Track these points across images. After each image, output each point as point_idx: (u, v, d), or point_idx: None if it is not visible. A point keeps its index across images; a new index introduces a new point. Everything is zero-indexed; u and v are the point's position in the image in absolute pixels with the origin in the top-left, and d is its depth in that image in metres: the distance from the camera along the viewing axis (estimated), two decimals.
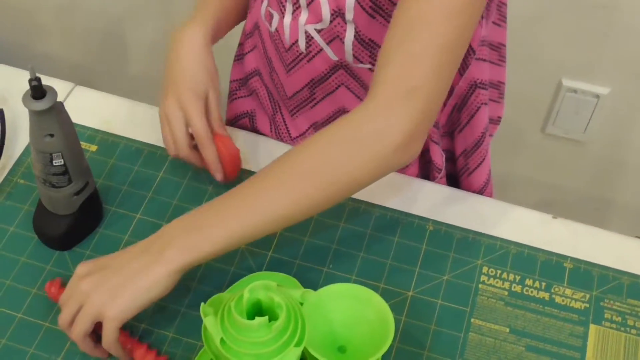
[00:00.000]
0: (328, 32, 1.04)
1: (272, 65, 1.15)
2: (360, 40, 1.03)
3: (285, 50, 1.10)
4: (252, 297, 0.85)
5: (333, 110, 1.15)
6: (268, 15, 1.11)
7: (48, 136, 0.96)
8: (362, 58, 1.05)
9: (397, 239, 1.09)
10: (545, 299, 1.04)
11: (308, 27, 1.05)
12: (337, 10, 1.02)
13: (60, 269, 1.05)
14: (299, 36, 1.07)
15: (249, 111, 1.26)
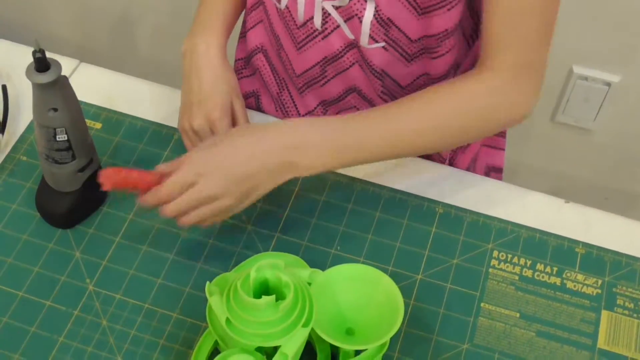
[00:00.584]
0: (346, 11, 1.02)
1: (279, 43, 1.13)
2: (379, 19, 1.01)
3: (297, 27, 1.08)
4: (259, 276, 0.83)
5: (344, 89, 1.13)
6: None
7: (51, 110, 0.94)
8: (377, 37, 1.03)
9: (406, 221, 1.07)
10: (557, 284, 1.02)
11: (326, 3, 1.03)
12: None
13: (63, 248, 1.03)
14: (314, 13, 1.05)
15: (254, 90, 1.24)
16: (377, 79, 1.09)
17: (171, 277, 1.01)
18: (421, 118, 0.97)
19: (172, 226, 1.05)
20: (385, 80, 1.08)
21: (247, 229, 1.05)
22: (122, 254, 1.03)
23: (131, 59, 2.27)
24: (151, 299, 0.99)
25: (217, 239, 1.04)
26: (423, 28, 1.01)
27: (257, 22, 1.17)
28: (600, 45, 1.78)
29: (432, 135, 0.99)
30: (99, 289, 1.00)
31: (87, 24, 2.23)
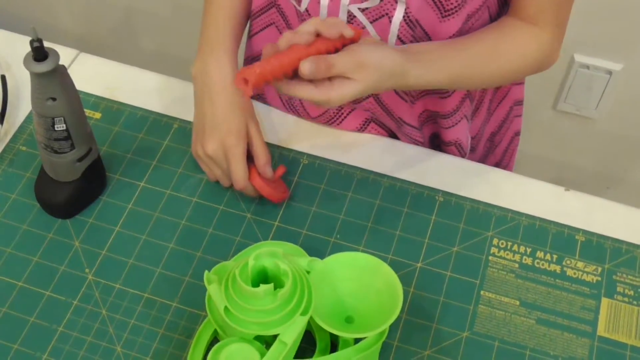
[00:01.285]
0: (376, 11, 1.02)
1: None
2: (408, 20, 1.02)
3: None
4: (258, 264, 0.83)
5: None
6: None
7: (50, 100, 0.94)
8: (405, 38, 1.04)
9: (406, 209, 1.07)
10: (557, 272, 1.02)
11: (352, 6, 1.03)
12: None
13: (63, 237, 1.03)
14: (339, 15, 1.04)
15: (258, 94, 1.24)
16: None
17: (171, 266, 1.01)
18: (481, 61, 1.04)
19: (172, 215, 1.05)
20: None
21: (247, 217, 1.05)
22: (121, 244, 1.03)
23: (133, 49, 2.26)
24: (151, 288, 0.99)
25: (217, 228, 1.04)
26: (445, 30, 1.04)
27: (267, 26, 1.16)
28: (601, 33, 1.77)
29: (493, 74, 1.07)
30: (98, 278, 1.00)
31: (88, 14, 2.22)
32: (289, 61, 0.86)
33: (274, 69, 0.85)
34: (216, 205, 1.06)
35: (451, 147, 1.17)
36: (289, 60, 0.86)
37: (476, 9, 1.04)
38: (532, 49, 1.07)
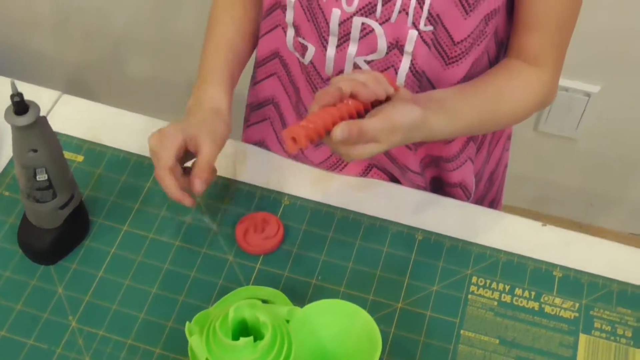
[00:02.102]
0: (382, 63, 1.04)
1: (299, 95, 1.14)
2: (414, 71, 1.04)
3: (323, 81, 1.09)
4: (237, 316, 0.84)
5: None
6: (299, 47, 1.08)
7: (31, 151, 0.95)
8: (411, 88, 1.06)
9: (386, 249, 1.08)
10: (535, 309, 1.03)
11: (358, 58, 1.05)
12: (395, 43, 1.02)
13: (46, 284, 1.04)
14: (345, 67, 1.06)
15: (262, 140, 1.26)
16: None
17: (154, 312, 1.02)
18: (494, 106, 1.06)
19: (155, 259, 1.06)
20: None
21: (229, 260, 1.06)
22: (104, 289, 1.04)
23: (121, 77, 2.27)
24: (134, 335, 1.00)
25: (199, 271, 1.05)
26: (450, 78, 1.06)
27: (269, 75, 1.18)
28: (579, 57, 1.79)
29: (504, 117, 1.09)
30: (81, 325, 1.00)
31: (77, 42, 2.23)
32: (331, 121, 0.88)
33: (317, 128, 0.88)
34: (198, 248, 1.07)
35: (456, 189, 1.19)
36: (331, 120, 0.88)
37: (479, 55, 1.06)
38: (537, 90, 1.09)
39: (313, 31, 1.05)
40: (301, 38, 1.07)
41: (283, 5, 1.06)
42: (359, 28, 1.02)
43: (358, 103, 0.91)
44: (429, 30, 1.00)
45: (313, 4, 1.03)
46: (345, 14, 1.01)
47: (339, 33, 1.03)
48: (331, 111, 0.89)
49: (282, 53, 1.13)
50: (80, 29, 2.18)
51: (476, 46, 1.04)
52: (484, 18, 1.01)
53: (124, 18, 2.10)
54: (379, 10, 1.00)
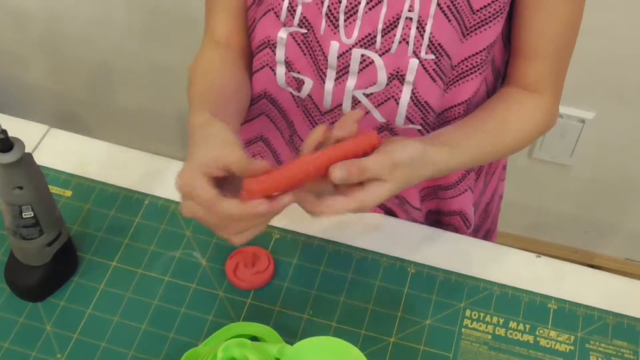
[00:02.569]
0: (381, 95, 1.03)
1: (294, 129, 1.13)
2: (416, 101, 1.03)
3: (321, 114, 1.08)
4: (226, 355, 0.82)
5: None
6: (293, 82, 1.07)
7: (17, 189, 0.94)
8: (414, 119, 1.05)
9: (378, 282, 1.07)
10: (530, 342, 1.02)
11: (357, 91, 1.03)
12: (395, 73, 1.01)
13: (34, 322, 1.02)
14: (343, 101, 1.05)
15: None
16: None
17: (143, 349, 1.00)
18: (496, 137, 1.05)
19: (144, 295, 1.05)
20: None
21: (219, 296, 1.05)
22: (93, 326, 1.02)
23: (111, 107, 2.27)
24: None
25: (189, 307, 1.04)
26: (449, 100, 1.05)
27: (257, 115, 1.16)
28: (573, 83, 1.78)
29: (507, 146, 1.08)
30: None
31: (66, 73, 2.23)
32: (293, 174, 0.85)
33: (276, 183, 0.85)
34: (188, 283, 1.06)
35: (455, 217, 1.18)
36: (294, 173, 0.85)
37: (480, 82, 1.05)
38: (538, 117, 1.09)
39: (310, 65, 1.04)
40: (295, 73, 1.05)
41: (272, 43, 1.05)
42: (358, 60, 1.01)
43: (331, 155, 0.87)
44: (431, 59, 0.99)
45: (309, 38, 1.02)
46: (344, 46, 1.00)
47: (338, 66, 1.02)
48: (304, 162, 0.86)
49: (270, 92, 1.11)
50: (69, 60, 2.17)
51: (478, 74, 1.03)
52: (486, 47, 1.01)
53: (110, 47, 2.10)
54: (379, 41, 0.99)
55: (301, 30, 1.02)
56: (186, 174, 0.87)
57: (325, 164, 0.86)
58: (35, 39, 2.15)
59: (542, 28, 1.02)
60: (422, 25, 0.97)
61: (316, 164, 0.86)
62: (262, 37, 1.05)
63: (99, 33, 2.07)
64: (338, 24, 0.99)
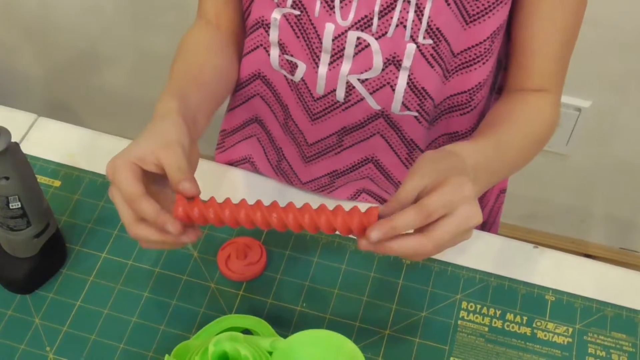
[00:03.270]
0: (376, 81, 1.01)
1: (288, 112, 1.10)
2: (412, 87, 1.01)
3: (314, 99, 1.05)
4: (218, 349, 0.81)
5: (360, 159, 1.12)
6: (287, 65, 1.04)
7: (3, 179, 0.91)
8: (410, 105, 1.03)
9: (372, 274, 1.05)
10: (527, 335, 1.00)
11: (351, 77, 1.01)
12: (391, 58, 0.98)
13: (22, 314, 1.00)
14: (337, 86, 1.03)
15: (247, 156, 1.22)
16: (405, 146, 1.08)
17: (133, 342, 0.99)
18: (523, 142, 1.02)
19: (134, 287, 1.03)
20: (413, 149, 1.09)
21: (211, 287, 1.03)
22: (83, 319, 1.00)
23: (100, 94, 2.25)
24: None
25: (180, 299, 1.02)
26: (450, 88, 1.03)
27: (251, 97, 1.14)
28: (569, 72, 1.76)
29: (529, 153, 1.05)
30: (59, 356, 0.97)
31: (55, 60, 2.20)
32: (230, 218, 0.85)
33: (202, 215, 0.85)
34: (179, 275, 1.04)
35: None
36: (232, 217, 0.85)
37: (486, 73, 1.03)
38: (554, 116, 1.06)
39: (303, 48, 1.02)
40: (289, 56, 1.03)
41: (266, 24, 1.03)
42: (354, 44, 0.99)
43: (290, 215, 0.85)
44: (428, 44, 0.97)
45: (303, 20, 1.00)
46: (340, 28, 0.98)
47: (332, 49, 1.00)
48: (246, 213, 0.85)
49: (264, 73, 1.09)
50: (57, 48, 2.15)
51: (481, 63, 1.01)
52: (490, 36, 0.98)
53: (100, 34, 2.07)
54: (375, 24, 0.97)
55: (294, 12, 0.99)
56: (117, 160, 0.86)
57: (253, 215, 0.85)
58: (24, 27, 2.12)
59: (550, 17, 0.99)
60: (420, 8, 0.95)
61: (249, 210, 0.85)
62: (256, 17, 1.03)
63: (87, 20, 2.04)
64: (334, 5, 0.97)
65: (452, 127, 1.09)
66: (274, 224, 0.84)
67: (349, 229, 0.83)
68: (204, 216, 0.85)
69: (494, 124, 1.00)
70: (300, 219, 0.83)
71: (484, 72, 1.02)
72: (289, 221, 0.84)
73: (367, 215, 0.82)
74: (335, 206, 0.84)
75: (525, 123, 1.02)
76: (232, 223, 0.85)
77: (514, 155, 1.00)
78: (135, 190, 0.84)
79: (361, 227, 0.82)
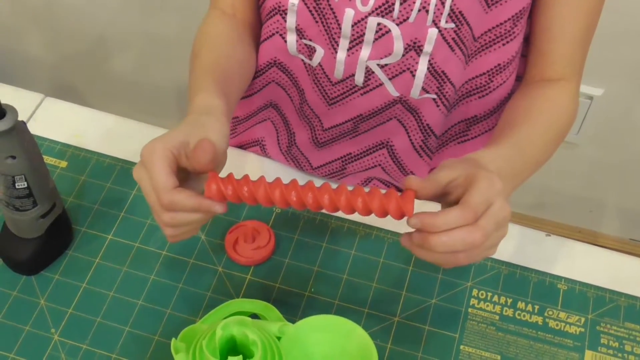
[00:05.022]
0: (396, 66, 0.99)
1: (304, 97, 1.09)
2: (432, 71, 0.99)
3: (332, 84, 1.04)
4: (225, 333, 0.79)
5: (374, 143, 1.10)
6: (305, 49, 1.03)
7: (9, 158, 0.90)
8: (429, 88, 1.01)
9: (382, 260, 1.03)
10: (539, 324, 0.99)
11: (371, 62, 0.99)
12: (412, 44, 0.97)
13: (27, 295, 0.99)
14: (356, 71, 1.01)
15: (259, 139, 1.21)
16: (420, 132, 1.07)
17: (139, 325, 0.97)
18: (544, 140, 0.99)
19: (141, 270, 1.02)
20: (428, 134, 1.08)
21: (218, 271, 1.02)
22: (88, 301, 0.99)
23: (107, 77, 2.23)
24: (119, 349, 0.95)
25: (187, 282, 1.01)
26: (470, 71, 1.02)
27: (266, 84, 1.12)
28: None
29: (550, 149, 1.01)
30: (64, 339, 0.96)
31: (63, 42, 2.19)
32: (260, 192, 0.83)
33: (235, 192, 0.82)
34: (186, 258, 1.03)
35: None
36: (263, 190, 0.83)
37: (510, 58, 1.01)
38: (573, 107, 1.04)
39: (322, 33, 1.00)
40: (307, 40, 1.02)
41: (283, 10, 1.01)
42: (374, 29, 0.97)
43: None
44: (450, 27, 0.95)
45: (322, 5, 0.98)
46: (360, 14, 0.96)
47: (352, 35, 0.98)
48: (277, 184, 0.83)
49: (281, 60, 1.07)
50: (66, 31, 2.14)
51: (501, 44, 0.99)
52: (512, 17, 0.97)
53: (108, 17, 2.06)
54: (397, 9, 0.95)
55: None
56: (157, 144, 0.83)
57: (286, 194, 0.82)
58: (32, 10, 2.11)
59: (572, 3, 0.98)
60: None
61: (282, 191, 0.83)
62: (272, 4, 1.01)
63: (96, 4, 2.03)
64: None
65: (471, 111, 1.08)
66: (309, 204, 0.82)
67: (385, 211, 0.81)
68: (237, 194, 0.82)
69: (514, 123, 0.98)
70: (337, 201, 0.81)
71: (504, 54, 1.00)
72: (324, 201, 0.81)
73: (404, 198, 0.81)
74: (370, 189, 0.82)
75: (545, 121, 0.99)
76: (265, 202, 0.83)
77: (536, 154, 0.97)
78: (168, 185, 0.81)
79: (398, 210, 0.81)
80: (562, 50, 1.01)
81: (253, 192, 0.82)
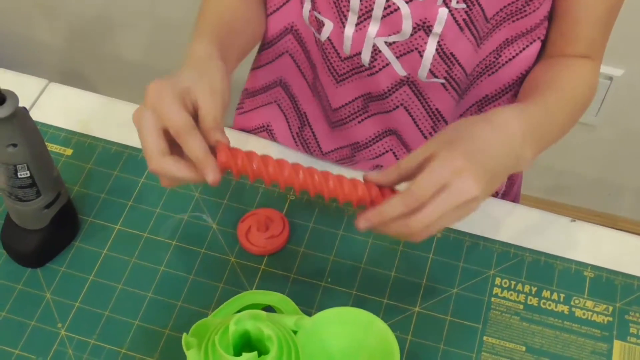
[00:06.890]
0: (404, 45, 0.96)
1: (316, 72, 1.06)
2: (441, 52, 0.96)
3: (341, 60, 1.01)
4: (239, 328, 0.76)
5: (382, 129, 1.07)
6: (315, 22, 1.00)
7: (10, 146, 0.86)
8: (437, 72, 0.98)
9: (401, 248, 1.00)
10: (565, 313, 0.95)
11: (378, 39, 0.96)
12: (421, 24, 0.94)
13: (33, 289, 0.96)
14: (363, 48, 0.98)
15: (265, 124, 1.17)
16: (429, 117, 1.04)
17: (149, 318, 0.94)
18: (570, 106, 0.97)
19: (150, 261, 0.98)
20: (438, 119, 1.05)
21: (231, 261, 0.98)
22: (96, 294, 0.96)
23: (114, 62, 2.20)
24: (128, 343, 0.92)
25: (198, 274, 0.97)
26: (482, 53, 0.99)
27: (278, 55, 1.09)
28: None
29: (576, 117, 0.99)
30: (71, 333, 0.93)
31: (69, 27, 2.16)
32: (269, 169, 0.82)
33: (244, 166, 0.81)
34: (197, 248, 0.99)
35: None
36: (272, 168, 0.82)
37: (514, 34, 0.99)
38: (595, 82, 1.03)
39: (331, 6, 0.97)
40: (317, 12, 0.99)
41: None
42: (383, 6, 0.94)
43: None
44: (462, 7, 0.91)
45: None
46: None
47: (360, 10, 0.95)
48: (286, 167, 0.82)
49: (297, 27, 1.04)
50: (70, 15, 2.11)
51: (510, 21, 0.96)
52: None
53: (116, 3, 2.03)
54: None
55: None
56: (165, 83, 0.80)
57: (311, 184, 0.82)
58: None
59: None
60: None
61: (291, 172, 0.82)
62: None
63: None
64: None
65: (482, 91, 1.05)
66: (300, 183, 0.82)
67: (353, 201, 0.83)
68: (245, 167, 0.80)
69: (541, 88, 0.95)
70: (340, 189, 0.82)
71: (512, 30, 0.98)
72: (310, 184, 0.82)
73: (369, 187, 0.82)
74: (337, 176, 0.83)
75: (571, 87, 0.97)
76: (267, 180, 0.81)
77: (563, 120, 0.95)
78: (187, 122, 0.78)
79: (365, 199, 0.82)
80: (585, 34, 0.99)
81: (261, 168, 0.81)
